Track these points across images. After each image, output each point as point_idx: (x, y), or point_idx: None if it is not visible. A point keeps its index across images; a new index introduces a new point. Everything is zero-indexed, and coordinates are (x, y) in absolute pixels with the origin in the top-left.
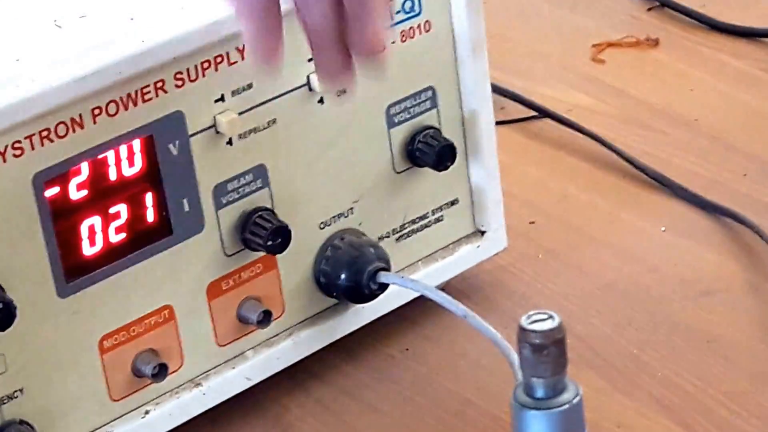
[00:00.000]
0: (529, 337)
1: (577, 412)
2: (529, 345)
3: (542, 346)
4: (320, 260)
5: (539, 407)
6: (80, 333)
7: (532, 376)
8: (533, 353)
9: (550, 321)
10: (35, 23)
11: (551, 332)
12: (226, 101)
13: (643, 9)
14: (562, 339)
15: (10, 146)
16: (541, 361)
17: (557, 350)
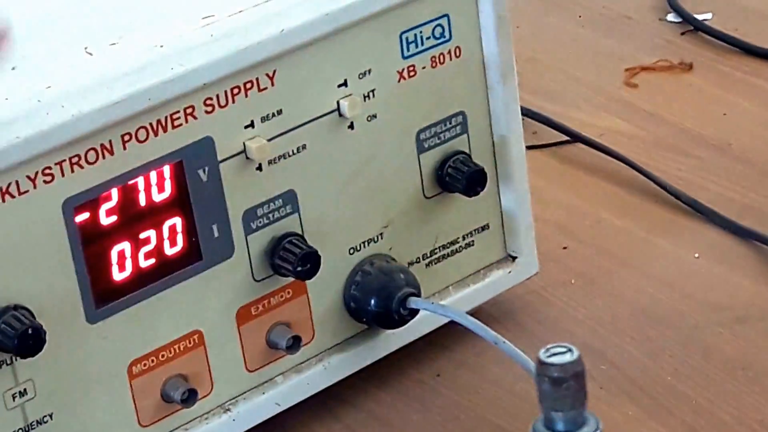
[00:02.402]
0: (548, 370)
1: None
2: (548, 378)
3: (561, 380)
4: (350, 286)
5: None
6: (109, 358)
7: (552, 409)
8: (552, 387)
9: (569, 354)
10: (66, 50)
11: (570, 365)
12: (255, 127)
13: (677, 33)
14: (582, 372)
15: (41, 172)
16: (560, 395)
17: (576, 384)
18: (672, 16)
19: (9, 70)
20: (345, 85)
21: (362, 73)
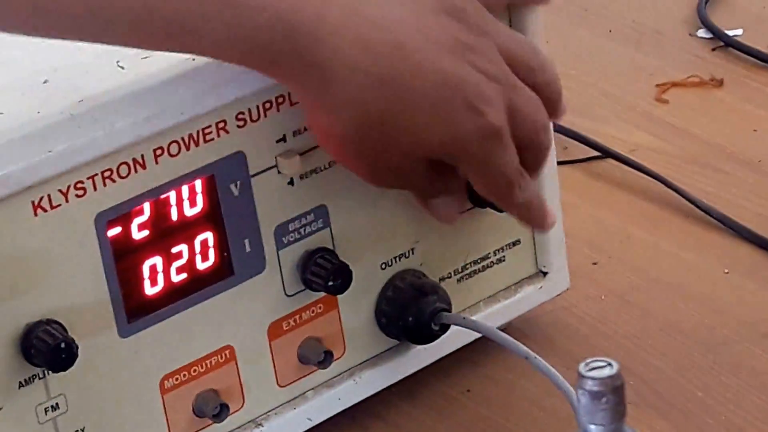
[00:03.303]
0: (586, 384)
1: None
2: (587, 392)
3: (600, 394)
4: (381, 301)
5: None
6: (142, 373)
7: (591, 423)
8: (591, 400)
9: (609, 368)
10: (98, 64)
11: (609, 379)
12: (287, 142)
13: (708, 49)
14: (621, 386)
15: (73, 186)
16: (599, 409)
17: (615, 398)
18: (703, 31)
19: (41, 83)
20: None
21: None
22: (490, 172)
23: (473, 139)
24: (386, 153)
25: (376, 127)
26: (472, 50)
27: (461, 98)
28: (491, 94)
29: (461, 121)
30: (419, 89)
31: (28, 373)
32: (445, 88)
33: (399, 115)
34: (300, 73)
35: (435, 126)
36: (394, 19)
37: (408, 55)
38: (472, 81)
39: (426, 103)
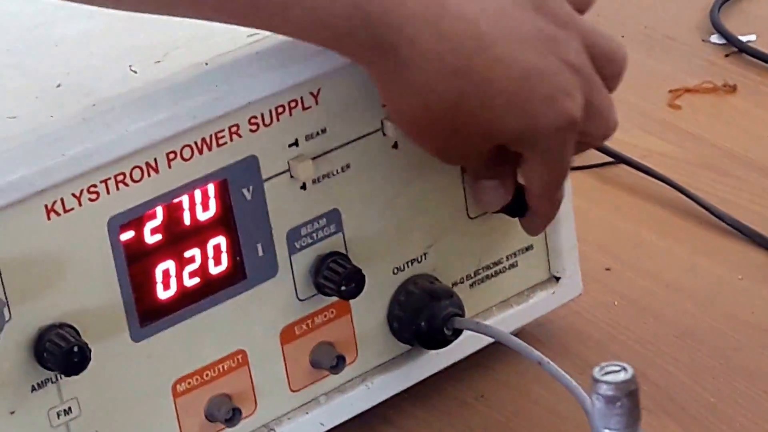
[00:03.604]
0: (601, 388)
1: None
2: (602, 397)
3: (615, 398)
4: (394, 305)
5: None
6: (154, 377)
7: (605, 428)
8: (606, 405)
9: (624, 373)
10: (111, 68)
11: (624, 384)
12: (300, 146)
13: (721, 54)
14: (636, 391)
15: (86, 190)
16: (614, 414)
17: (630, 402)
18: (716, 37)
19: (54, 87)
20: None
21: None
22: (554, 161)
23: (550, 128)
24: (455, 137)
25: (448, 114)
26: (556, 41)
27: (543, 89)
28: (572, 86)
29: (541, 111)
30: (497, 80)
31: (41, 377)
32: (526, 79)
33: (473, 104)
34: (376, 58)
35: (511, 115)
36: (474, 11)
37: (487, 47)
38: (555, 71)
39: (504, 94)
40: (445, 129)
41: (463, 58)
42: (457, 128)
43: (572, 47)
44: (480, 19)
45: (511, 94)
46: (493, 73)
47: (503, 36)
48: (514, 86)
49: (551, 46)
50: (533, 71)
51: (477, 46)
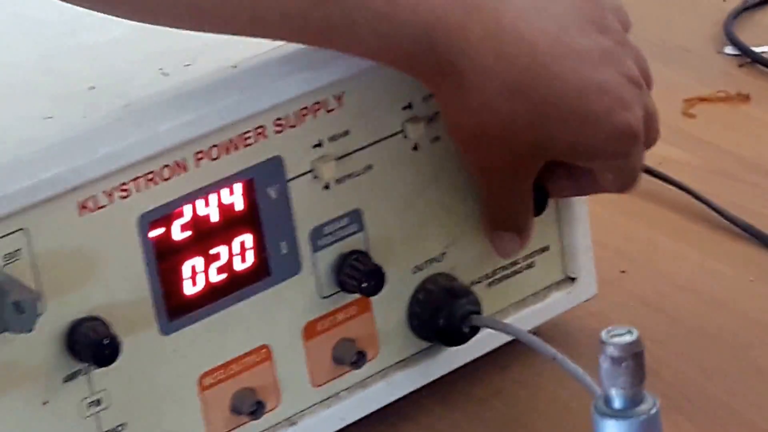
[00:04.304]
0: (608, 350)
1: (654, 423)
2: (609, 358)
3: (621, 359)
4: (413, 303)
5: (618, 417)
6: (181, 370)
7: (612, 387)
8: (612, 365)
9: (629, 335)
10: (143, 71)
11: (630, 346)
12: (323, 147)
13: (735, 65)
14: (641, 353)
15: (117, 188)
16: (619, 374)
17: (635, 363)
18: (730, 48)
19: (88, 89)
20: (410, 107)
21: (426, 96)
22: (625, 170)
23: (612, 139)
24: (505, 154)
25: (507, 129)
26: (614, 57)
27: (603, 102)
28: (633, 98)
29: (600, 124)
30: (555, 97)
31: (73, 369)
32: (584, 94)
33: (532, 121)
34: (440, 79)
35: (567, 132)
36: (534, 31)
37: (545, 65)
38: (616, 84)
39: (562, 110)
40: (501, 147)
41: (521, 76)
42: (509, 146)
43: (629, 62)
44: (538, 39)
45: (567, 109)
46: (550, 90)
47: (561, 54)
48: (570, 102)
49: (610, 62)
50: (592, 86)
51: (535, 64)
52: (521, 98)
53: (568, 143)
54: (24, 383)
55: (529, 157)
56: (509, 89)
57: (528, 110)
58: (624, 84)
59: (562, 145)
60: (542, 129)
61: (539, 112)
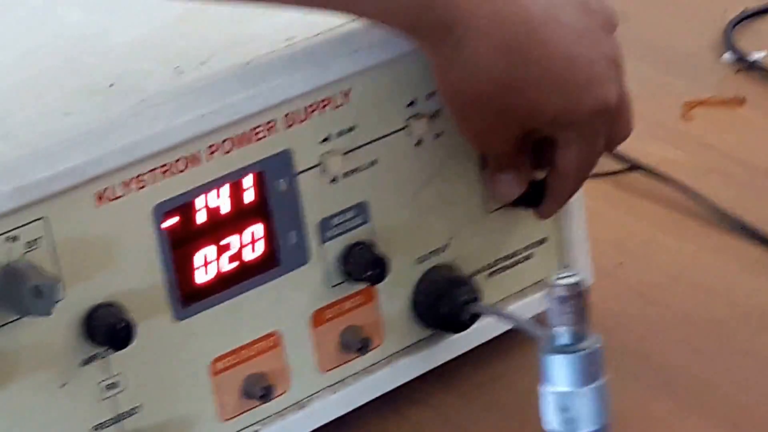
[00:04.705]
0: (555, 291)
1: (596, 357)
2: (555, 298)
3: (566, 299)
4: (417, 292)
5: (564, 352)
6: (194, 355)
7: (559, 324)
8: (558, 305)
9: (574, 277)
10: (160, 69)
11: (574, 286)
12: (331, 141)
13: (733, 71)
14: (582, 293)
15: (134, 179)
16: (565, 312)
17: (579, 303)
18: (728, 54)
19: (107, 86)
20: (414, 104)
21: (430, 93)
22: (588, 145)
23: (587, 111)
24: (497, 116)
25: (498, 89)
26: (597, 36)
27: (583, 74)
28: (610, 76)
29: (580, 95)
30: (543, 60)
31: (90, 353)
32: (569, 62)
33: (519, 82)
34: (436, 38)
35: (553, 96)
36: (528, 2)
37: (536, 30)
38: (596, 60)
39: (548, 74)
40: (491, 107)
41: (513, 37)
42: (502, 108)
43: (610, 44)
44: (531, 6)
45: (554, 75)
46: (539, 52)
47: (551, 23)
48: (557, 67)
49: (592, 39)
50: (576, 56)
51: (526, 27)
52: (513, 59)
53: (550, 109)
54: (44, 366)
55: (518, 118)
56: (502, 50)
57: (518, 71)
58: (602, 62)
59: (546, 110)
60: (531, 91)
61: (529, 74)
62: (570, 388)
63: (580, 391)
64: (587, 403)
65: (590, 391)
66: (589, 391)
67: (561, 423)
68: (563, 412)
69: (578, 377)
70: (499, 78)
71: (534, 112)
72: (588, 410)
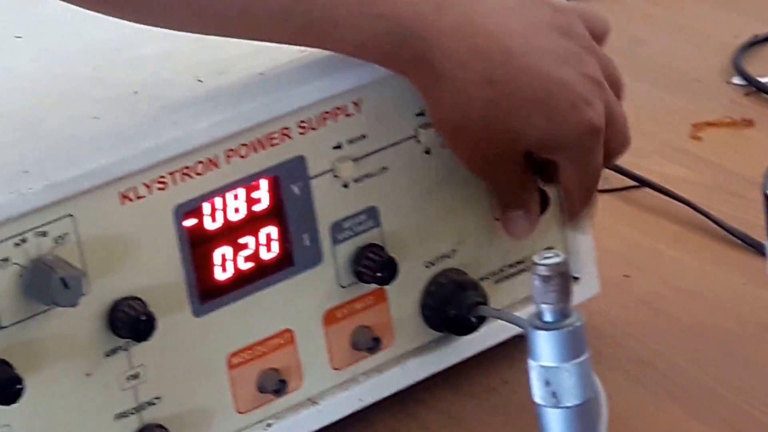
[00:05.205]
0: (539, 270)
1: (579, 334)
2: (539, 276)
3: (549, 278)
4: (426, 295)
5: (548, 329)
6: (211, 349)
7: (542, 302)
8: (542, 283)
9: (557, 258)
10: (180, 79)
11: (557, 266)
12: (343, 148)
13: (742, 94)
14: (566, 273)
15: (155, 180)
16: (548, 290)
17: (562, 281)
18: (737, 78)
19: (132, 93)
20: (423, 114)
21: None
22: (584, 165)
23: (573, 134)
24: (487, 143)
25: (480, 119)
26: (578, 58)
27: (565, 97)
28: (594, 96)
29: (564, 118)
30: (522, 89)
31: (113, 345)
32: (548, 88)
33: (502, 110)
34: (417, 72)
35: (536, 121)
36: (504, 30)
37: (514, 58)
38: (577, 82)
39: (529, 102)
40: (479, 134)
41: (492, 67)
42: (488, 135)
43: (591, 64)
44: (506, 36)
45: (535, 101)
46: (518, 81)
47: (528, 50)
48: (537, 94)
49: (573, 62)
50: (556, 81)
51: (504, 58)
52: (493, 89)
53: (536, 134)
54: (70, 356)
55: (509, 145)
56: (482, 80)
57: (500, 101)
58: (584, 83)
59: (532, 135)
60: (514, 119)
61: (511, 103)
62: (553, 363)
63: (563, 366)
64: (569, 378)
65: (572, 367)
66: (571, 366)
67: (545, 396)
68: (547, 385)
69: (561, 353)
70: (483, 108)
71: (520, 138)
72: (570, 385)
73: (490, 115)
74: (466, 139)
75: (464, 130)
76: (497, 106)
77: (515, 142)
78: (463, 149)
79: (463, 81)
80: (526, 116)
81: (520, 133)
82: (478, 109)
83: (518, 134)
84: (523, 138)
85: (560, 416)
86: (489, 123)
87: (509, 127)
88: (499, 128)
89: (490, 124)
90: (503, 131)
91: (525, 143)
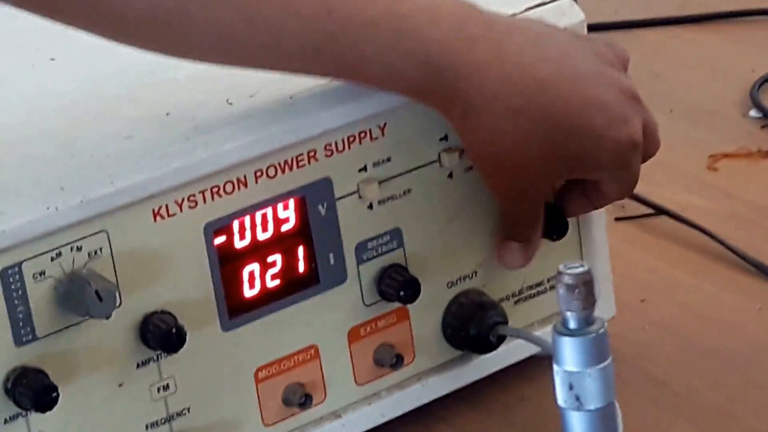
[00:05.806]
0: (564, 278)
1: (603, 340)
2: (564, 285)
3: (574, 286)
4: (447, 315)
5: (572, 335)
6: (239, 363)
7: (567, 310)
8: (567, 291)
9: (581, 268)
10: (212, 101)
11: (581, 275)
12: (368, 171)
13: (758, 126)
14: (591, 281)
15: (187, 198)
16: (573, 298)
17: (586, 290)
18: (754, 111)
19: (164, 115)
20: (446, 139)
21: None
22: (628, 178)
23: (615, 153)
24: (523, 173)
25: (515, 151)
26: (610, 76)
27: (603, 118)
28: (630, 113)
29: (604, 140)
30: (559, 116)
31: (145, 356)
32: (585, 110)
33: (538, 140)
34: (449, 105)
35: (575, 147)
36: (535, 59)
37: (548, 87)
38: (612, 100)
39: (566, 127)
40: (514, 165)
41: (525, 98)
42: (523, 166)
43: (624, 79)
44: (539, 65)
45: (572, 128)
46: (554, 109)
47: (562, 77)
48: (575, 119)
49: (606, 81)
50: (592, 103)
51: (537, 87)
52: (527, 119)
53: (575, 158)
54: (103, 366)
55: (541, 175)
56: (515, 111)
57: (535, 130)
58: (622, 100)
59: (571, 160)
60: (550, 146)
61: (546, 131)
62: (577, 368)
63: (586, 372)
64: (592, 383)
65: (595, 372)
66: (594, 371)
67: (569, 399)
68: (570, 389)
69: (584, 358)
70: (517, 138)
71: (556, 165)
72: (593, 389)
73: (525, 146)
74: (501, 172)
75: (499, 163)
76: (532, 136)
77: (548, 171)
78: (498, 181)
79: (497, 113)
80: (562, 143)
81: (553, 162)
82: (512, 142)
83: (552, 163)
84: (557, 165)
85: (583, 419)
86: (524, 154)
87: (542, 157)
88: (532, 159)
89: (525, 155)
90: (536, 162)
91: (561, 170)
